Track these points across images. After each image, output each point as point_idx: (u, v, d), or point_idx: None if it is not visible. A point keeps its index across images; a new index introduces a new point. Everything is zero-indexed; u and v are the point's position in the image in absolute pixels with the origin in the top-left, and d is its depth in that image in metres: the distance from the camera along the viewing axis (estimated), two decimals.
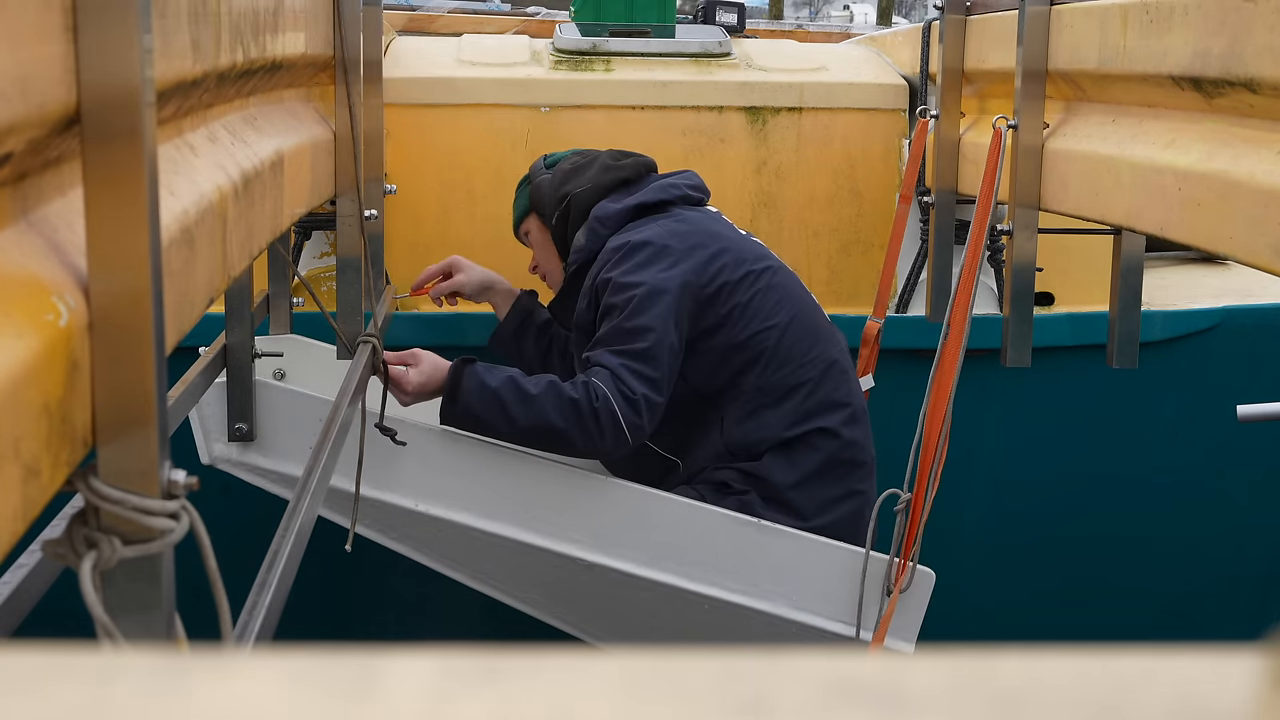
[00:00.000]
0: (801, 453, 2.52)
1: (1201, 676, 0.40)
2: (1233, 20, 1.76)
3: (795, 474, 2.51)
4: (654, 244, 2.51)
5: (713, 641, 2.52)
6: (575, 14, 3.65)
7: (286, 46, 1.86)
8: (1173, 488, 3.42)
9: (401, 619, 3.22)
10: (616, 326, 2.43)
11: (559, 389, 2.38)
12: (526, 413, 2.37)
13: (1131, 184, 2.09)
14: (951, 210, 2.96)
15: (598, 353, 2.43)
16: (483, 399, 2.39)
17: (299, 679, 0.40)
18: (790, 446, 2.52)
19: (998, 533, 3.38)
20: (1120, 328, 2.53)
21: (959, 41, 2.88)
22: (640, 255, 2.50)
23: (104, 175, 0.94)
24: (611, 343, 2.43)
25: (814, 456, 2.53)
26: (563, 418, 2.36)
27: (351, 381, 2.15)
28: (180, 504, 1.01)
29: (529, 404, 2.37)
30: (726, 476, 2.52)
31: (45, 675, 0.40)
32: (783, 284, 2.59)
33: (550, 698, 0.39)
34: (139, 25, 0.94)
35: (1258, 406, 2.87)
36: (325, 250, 3.10)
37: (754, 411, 2.52)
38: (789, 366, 2.54)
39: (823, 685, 0.40)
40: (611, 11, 3.56)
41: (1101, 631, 3.44)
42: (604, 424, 2.36)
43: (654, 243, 2.52)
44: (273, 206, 1.73)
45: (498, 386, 2.38)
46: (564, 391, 2.37)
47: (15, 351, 0.84)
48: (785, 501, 2.50)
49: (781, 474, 2.50)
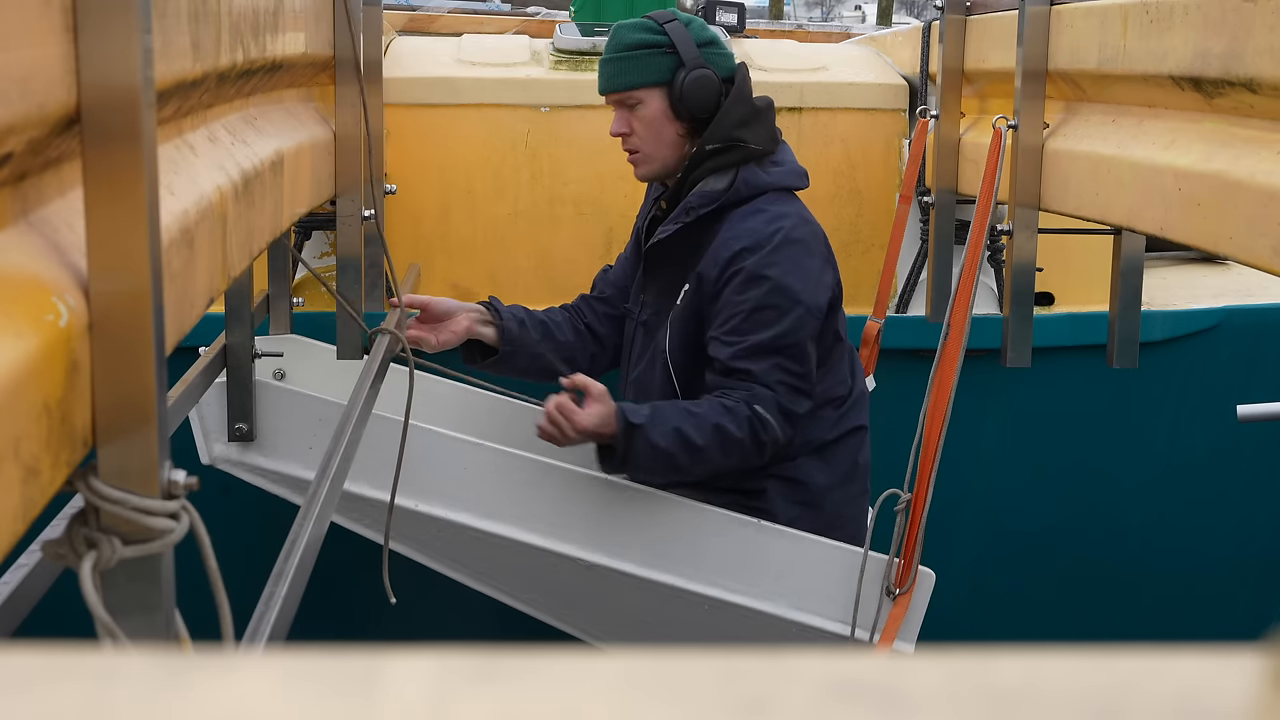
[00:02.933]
0: (838, 454, 2.56)
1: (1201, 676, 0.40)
2: (1233, 20, 1.76)
3: (832, 476, 2.54)
4: (805, 243, 2.47)
5: (713, 641, 2.52)
6: (575, 14, 3.65)
7: (286, 46, 1.86)
8: (1173, 488, 3.42)
9: (401, 619, 3.22)
10: (775, 340, 2.40)
11: (724, 435, 2.35)
12: (694, 464, 2.37)
13: (1131, 184, 2.09)
14: (951, 210, 2.96)
15: (761, 367, 2.39)
16: (654, 461, 2.36)
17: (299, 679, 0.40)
18: (827, 449, 2.54)
19: (998, 533, 3.38)
20: (1120, 328, 2.53)
21: (959, 41, 2.88)
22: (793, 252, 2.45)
23: (104, 175, 0.94)
24: (771, 355, 2.40)
25: (847, 458, 2.56)
26: (727, 456, 2.37)
27: (368, 378, 2.14)
28: (180, 504, 1.01)
29: (697, 456, 2.35)
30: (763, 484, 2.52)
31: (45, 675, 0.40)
32: None
33: (550, 698, 0.39)
34: (139, 25, 0.94)
35: (1258, 406, 2.87)
36: (325, 250, 3.10)
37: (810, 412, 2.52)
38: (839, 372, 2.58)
39: (823, 685, 0.40)
40: (611, 11, 3.57)
41: (1101, 631, 3.44)
42: (767, 449, 2.40)
43: (806, 242, 2.47)
44: (273, 206, 1.73)
45: (668, 448, 2.34)
46: (730, 433, 2.35)
47: (15, 351, 0.84)
48: (819, 505, 2.52)
49: (821, 476, 2.53)
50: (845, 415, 2.56)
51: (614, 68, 2.53)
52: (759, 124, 2.53)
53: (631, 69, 2.52)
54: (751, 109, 2.53)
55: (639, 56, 2.51)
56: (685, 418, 2.35)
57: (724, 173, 2.50)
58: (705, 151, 2.50)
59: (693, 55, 2.50)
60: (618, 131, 2.55)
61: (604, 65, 2.56)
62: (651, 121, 2.52)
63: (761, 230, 2.44)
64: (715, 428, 2.34)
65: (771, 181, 2.51)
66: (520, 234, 3.18)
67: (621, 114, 2.54)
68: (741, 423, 2.35)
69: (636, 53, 2.51)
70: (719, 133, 2.49)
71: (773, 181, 2.51)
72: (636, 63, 2.52)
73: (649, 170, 2.56)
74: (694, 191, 2.51)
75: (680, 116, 2.51)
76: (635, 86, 2.51)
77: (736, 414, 2.36)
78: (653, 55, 2.51)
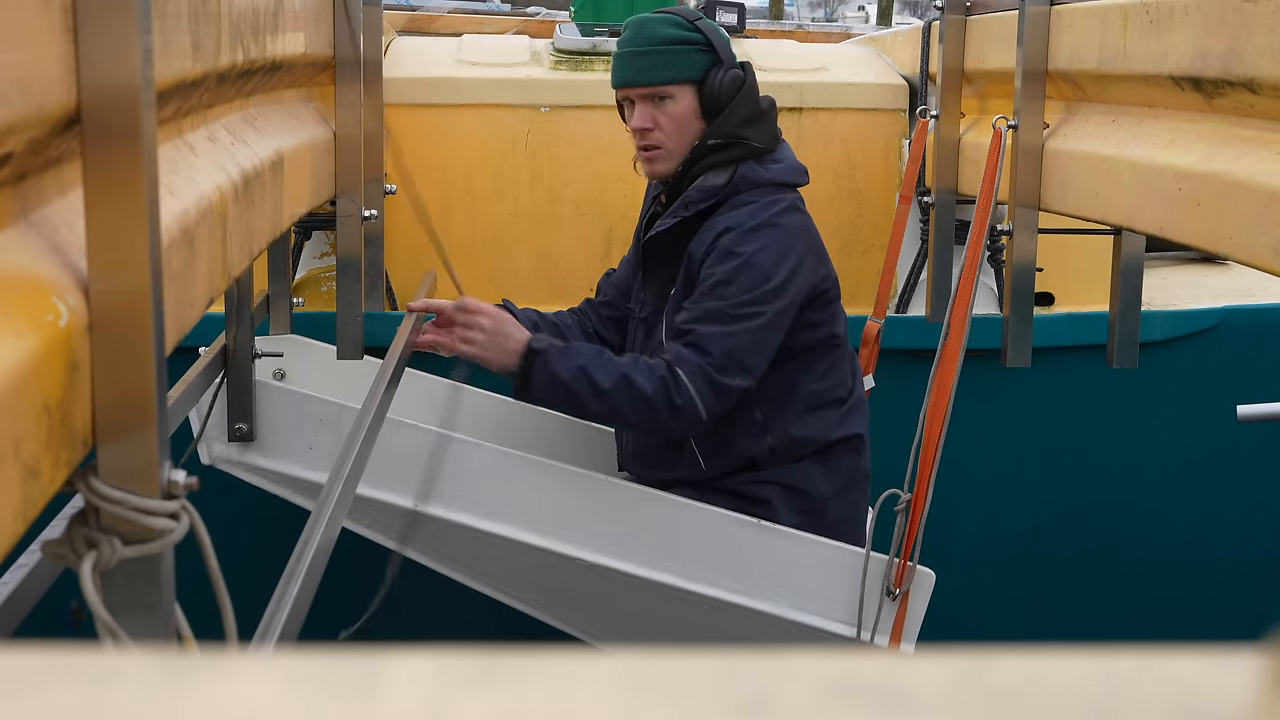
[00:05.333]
0: (840, 461, 2.55)
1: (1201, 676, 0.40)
2: (1233, 20, 1.76)
3: (835, 483, 2.53)
4: (788, 230, 2.44)
5: (713, 641, 2.52)
6: (575, 14, 3.65)
7: (286, 46, 1.86)
8: (1173, 487, 3.42)
9: (401, 619, 3.22)
10: (728, 309, 2.36)
11: (631, 385, 2.31)
12: (595, 403, 2.34)
13: (1131, 184, 2.09)
14: (951, 210, 2.96)
15: (705, 331, 2.35)
16: (554, 390, 2.34)
17: (299, 679, 0.40)
18: (828, 453, 2.54)
19: (998, 533, 3.38)
20: (1120, 328, 2.53)
21: (959, 41, 2.88)
22: (773, 235, 2.42)
23: (104, 175, 0.94)
24: (719, 322, 2.35)
25: (848, 465, 2.56)
26: (634, 408, 2.32)
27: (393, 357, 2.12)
28: (180, 504, 1.01)
29: (599, 398, 2.32)
30: (768, 493, 2.52)
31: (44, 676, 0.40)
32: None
33: (550, 698, 0.39)
34: (139, 25, 0.94)
35: (1258, 406, 2.87)
36: (325, 250, 3.10)
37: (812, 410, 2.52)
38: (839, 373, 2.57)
39: (823, 685, 0.40)
40: (611, 11, 3.57)
41: (1101, 631, 3.44)
42: (683, 415, 2.32)
43: (788, 229, 2.44)
44: (273, 206, 1.73)
45: (568, 380, 2.32)
46: (637, 385, 2.31)
47: (15, 351, 0.84)
48: (822, 514, 2.52)
49: (824, 484, 2.52)
50: (846, 418, 2.56)
51: (646, 61, 2.48)
52: (763, 123, 2.52)
53: (666, 64, 2.47)
54: (757, 108, 2.52)
55: (675, 52, 2.48)
56: (595, 359, 2.35)
57: (724, 169, 2.49)
58: (707, 147, 2.48)
59: (728, 54, 2.50)
60: (642, 126, 2.49)
61: (632, 58, 2.49)
62: (681, 118, 2.48)
63: (748, 214, 2.44)
64: (623, 377, 2.32)
65: (770, 177, 2.49)
66: (520, 234, 3.18)
67: (645, 109, 2.49)
68: (654, 380, 2.31)
69: (672, 48, 2.48)
70: (723, 129, 2.48)
71: (771, 177, 2.50)
72: (672, 58, 2.48)
73: (667, 167, 2.51)
74: (694, 186, 2.49)
75: (707, 114, 2.48)
76: (669, 82, 2.47)
77: (652, 370, 2.33)
78: (688, 52, 2.48)
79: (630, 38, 2.50)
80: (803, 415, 2.51)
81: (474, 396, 2.95)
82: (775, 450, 2.50)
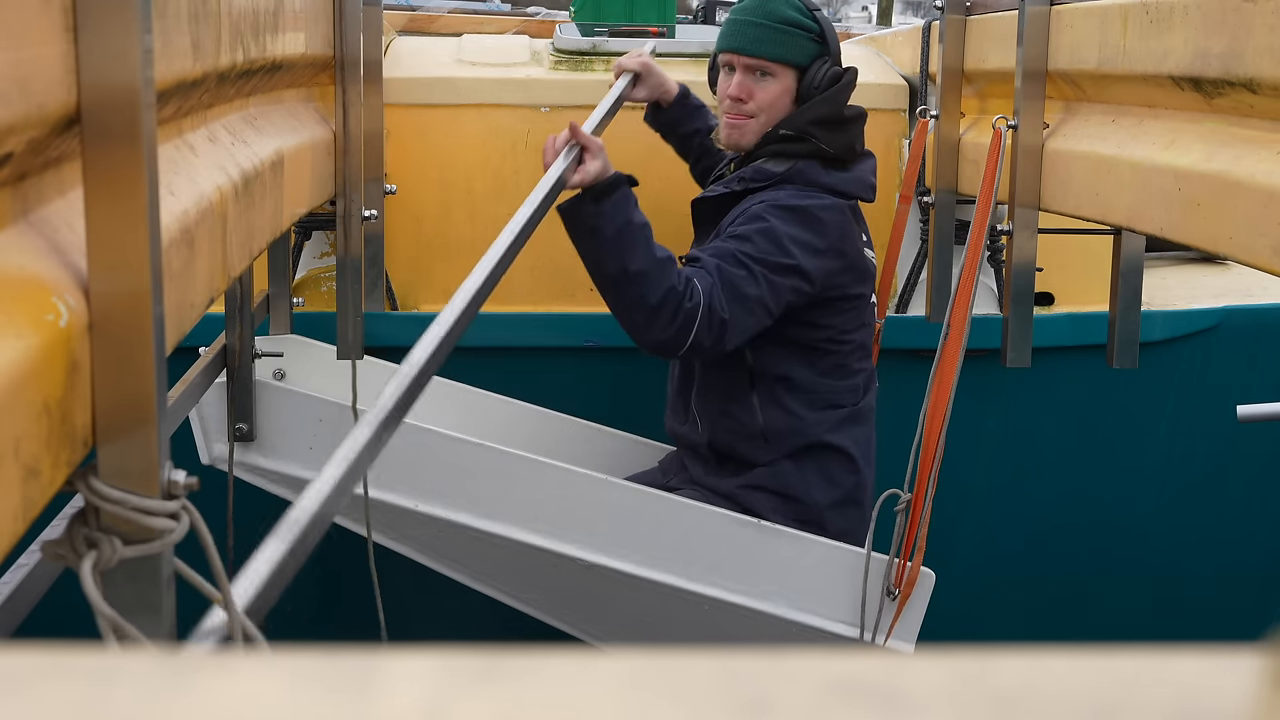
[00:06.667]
0: (837, 469, 2.56)
1: (1201, 676, 0.40)
2: (1233, 20, 1.76)
3: (830, 494, 2.54)
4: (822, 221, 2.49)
5: (713, 641, 2.52)
6: (575, 14, 3.65)
7: (286, 46, 1.86)
8: (1172, 488, 3.42)
9: (401, 619, 3.23)
10: (740, 253, 2.37)
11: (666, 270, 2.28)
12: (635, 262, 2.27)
13: (1131, 184, 2.09)
14: (951, 210, 2.96)
15: (714, 261, 2.36)
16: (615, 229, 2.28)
17: (299, 679, 0.40)
18: (822, 457, 2.54)
19: (998, 533, 3.38)
20: (1120, 328, 2.53)
21: (959, 41, 2.88)
22: (804, 218, 2.47)
23: (104, 175, 0.94)
24: (730, 261, 2.37)
25: (848, 478, 2.57)
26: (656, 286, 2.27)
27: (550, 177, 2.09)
28: (180, 504, 1.01)
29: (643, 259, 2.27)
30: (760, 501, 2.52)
31: (44, 675, 0.40)
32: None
33: (550, 698, 0.39)
34: (139, 25, 0.94)
35: (1258, 406, 2.87)
36: (325, 250, 3.10)
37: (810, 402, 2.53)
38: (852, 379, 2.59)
39: (823, 685, 0.40)
40: (611, 11, 3.56)
41: (1101, 631, 3.44)
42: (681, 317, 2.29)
43: (823, 221, 2.49)
44: (273, 206, 1.74)
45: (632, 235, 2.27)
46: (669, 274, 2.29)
47: (15, 351, 0.84)
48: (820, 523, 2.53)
49: (818, 492, 2.53)
50: (845, 424, 2.56)
51: (762, 33, 2.57)
52: (839, 130, 2.58)
53: (780, 41, 2.57)
54: (837, 113, 2.59)
55: (789, 33, 2.58)
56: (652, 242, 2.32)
57: (785, 159, 2.56)
58: (778, 135, 2.57)
59: (837, 50, 2.61)
60: (738, 95, 2.58)
61: (749, 27, 2.58)
62: (775, 97, 2.58)
63: (788, 194, 2.50)
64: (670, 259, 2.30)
65: (826, 182, 2.55)
66: None
67: (745, 79, 2.59)
68: (679, 278, 2.30)
69: (789, 28, 2.58)
70: (796, 121, 2.56)
71: (827, 182, 2.55)
72: (787, 37, 2.57)
73: (749, 140, 2.60)
74: (752, 166, 2.58)
75: (799, 100, 2.58)
76: (777, 59, 2.57)
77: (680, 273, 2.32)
78: (802, 37, 2.58)
79: (751, 7, 2.60)
80: (800, 403, 2.52)
81: (474, 397, 2.95)
82: (767, 434, 2.52)
